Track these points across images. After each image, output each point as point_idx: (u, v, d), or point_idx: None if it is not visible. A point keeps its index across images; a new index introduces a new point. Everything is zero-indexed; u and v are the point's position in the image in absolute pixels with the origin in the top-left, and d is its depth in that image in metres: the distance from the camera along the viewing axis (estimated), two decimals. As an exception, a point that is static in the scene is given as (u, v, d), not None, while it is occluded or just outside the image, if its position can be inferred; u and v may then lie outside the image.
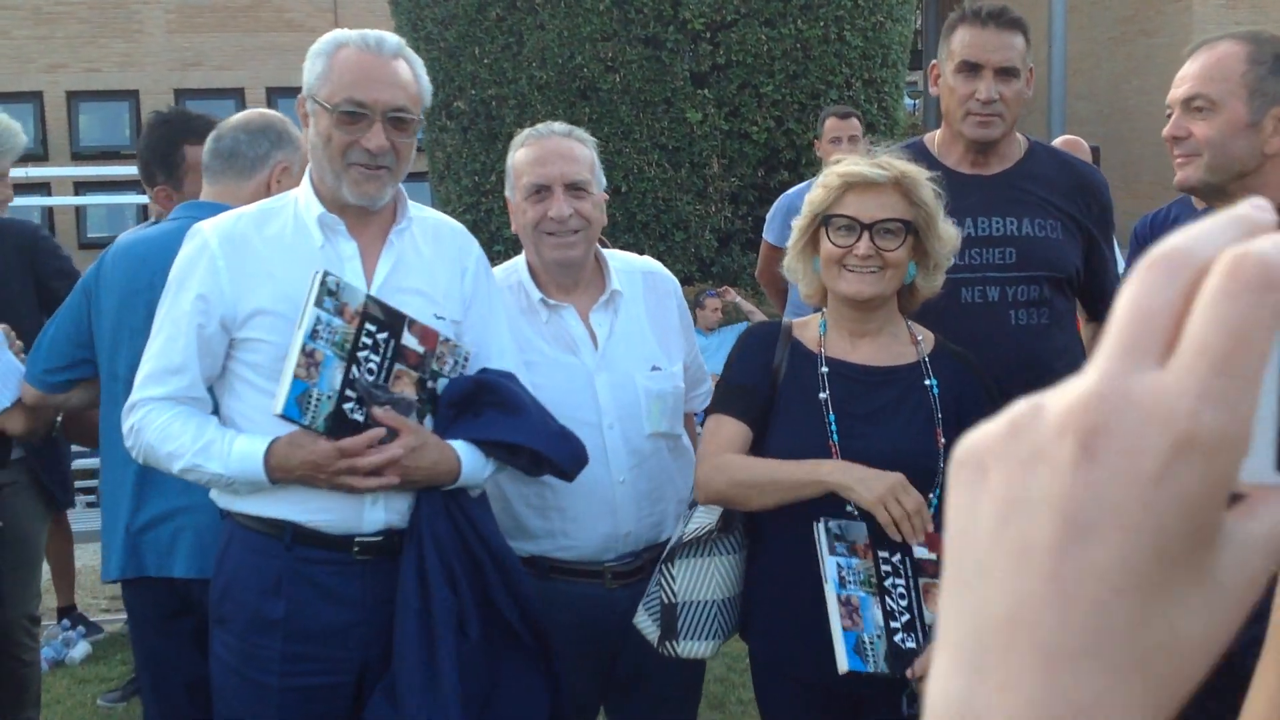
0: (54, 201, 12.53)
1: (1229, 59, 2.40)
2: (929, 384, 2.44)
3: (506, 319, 2.61)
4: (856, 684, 2.37)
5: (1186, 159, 2.46)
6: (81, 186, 14.14)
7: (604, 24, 9.35)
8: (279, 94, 15.50)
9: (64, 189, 14.13)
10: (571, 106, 9.23)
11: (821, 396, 2.42)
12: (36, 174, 10.45)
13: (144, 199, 7.77)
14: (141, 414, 2.37)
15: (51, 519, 5.13)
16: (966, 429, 0.44)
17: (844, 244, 2.38)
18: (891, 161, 2.39)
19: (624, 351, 2.71)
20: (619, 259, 2.85)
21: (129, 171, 6.27)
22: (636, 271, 2.84)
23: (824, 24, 9.57)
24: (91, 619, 5.55)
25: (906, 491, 2.23)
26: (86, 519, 5.74)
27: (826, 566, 2.25)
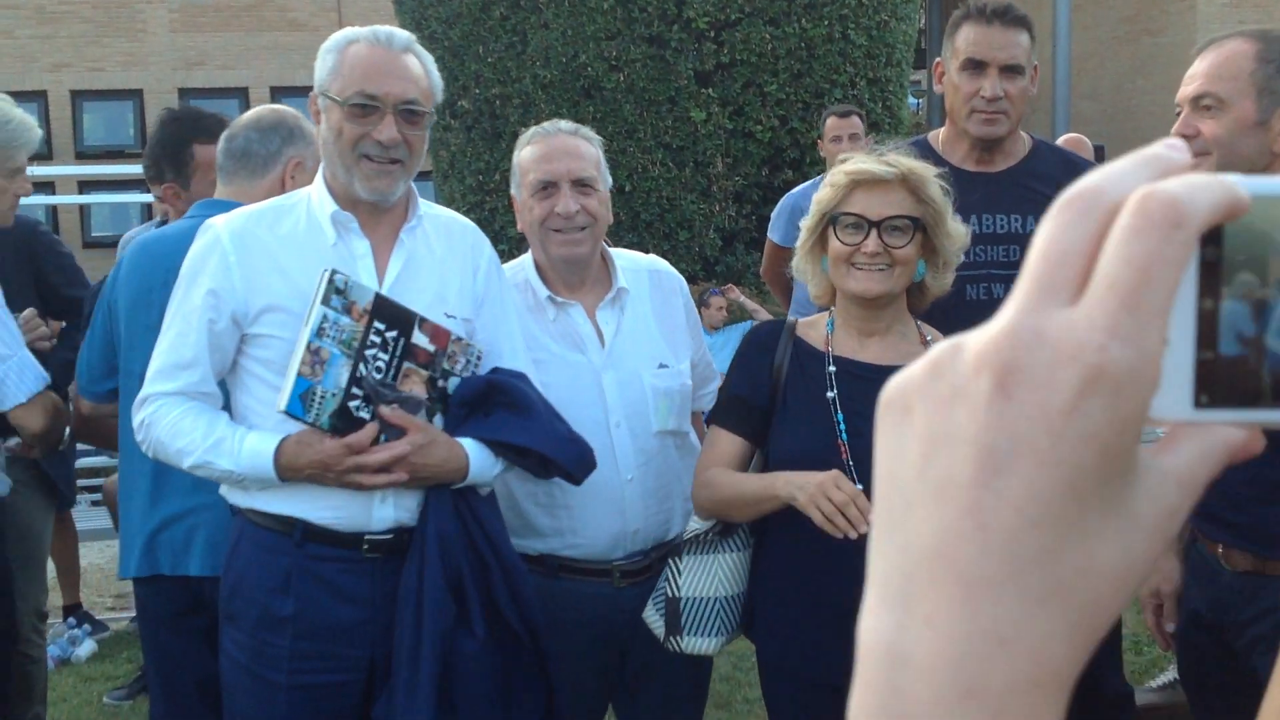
0: (58, 200, 12.53)
1: (1238, 57, 2.39)
2: None
3: (519, 318, 2.61)
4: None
5: (1196, 158, 2.45)
6: (86, 185, 14.13)
7: (608, 23, 9.34)
8: (283, 93, 15.49)
9: (68, 188, 14.14)
10: (575, 105, 9.22)
11: (829, 395, 2.41)
12: (41, 173, 10.41)
13: (148, 198, 7.76)
14: (152, 409, 2.37)
15: (55, 515, 5.16)
16: None
17: (852, 242, 2.37)
18: (899, 159, 2.38)
19: (631, 349, 2.71)
20: (625, 257, 2.84)
21: (133, 170, 6.27)
22: (642, 270, 2.84)
23: (828, 23, 9.55)
24: (97, 617, 5.56)
25: (839, 486, 2.21)
26: (90, 517, 5.75)
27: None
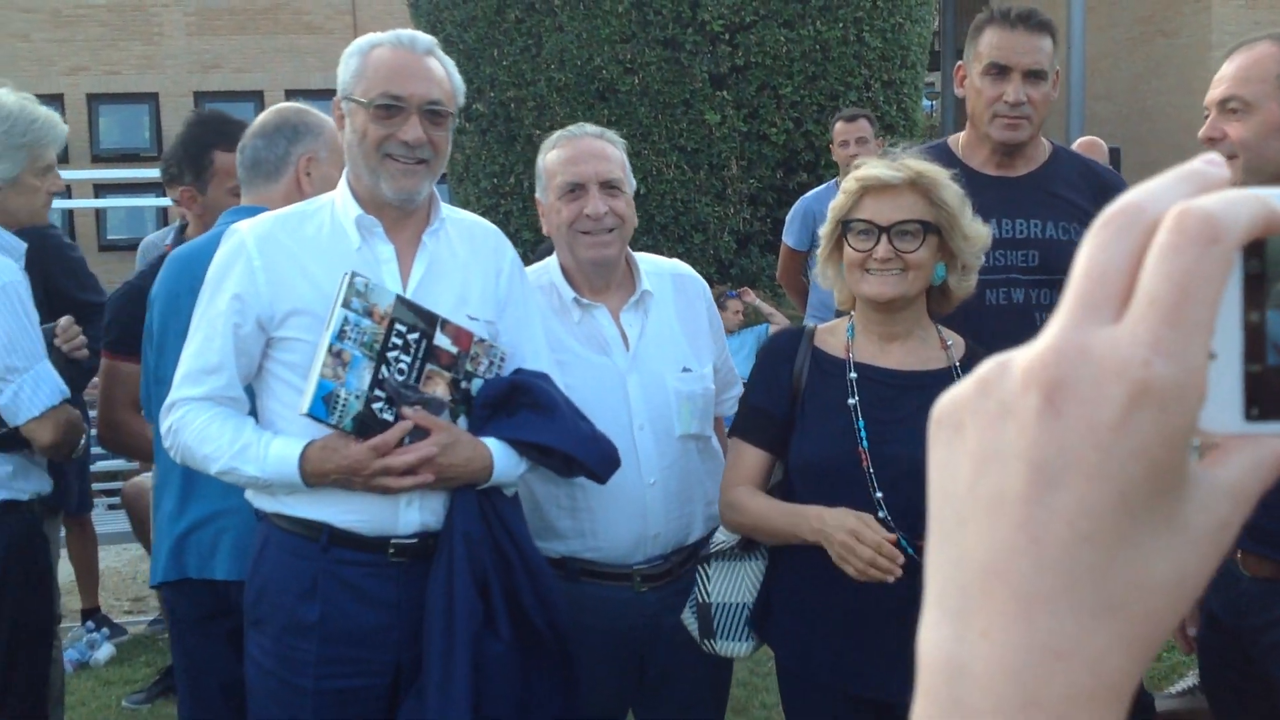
0: (74, 204, 12.60)
1: (1265, 60, 2.39)
2: None
3: (541, 320, 2.61)
4: (882, 692, 2.37)
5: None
6: (101, 189, 14.21)
7: (623, 26, 9.34)
8: (298, 96, 15.50)
9: (84, 191, 14.21)
10: (590, 108, 9.23)
11: (850, 402, 2.40)
12: (57, 176, 10.49)
13: (164, 202, 7.79)
14: (180, 414, 2.37)
15: (60, 516, 5.17)
16: None
17: (863, 248, 2.37)
18: (907, 162, 2.37)
19: (655, 352, 2.71)
20: (649, 261, 2.85)
21: (149, 174, 6.30)
22: (666, 274, 2.84)
23: (843, 25, 9.54)
24: (115, 621, 5.57)
25: (861, 538, 2.22)
26: (108, 521, 5.76)
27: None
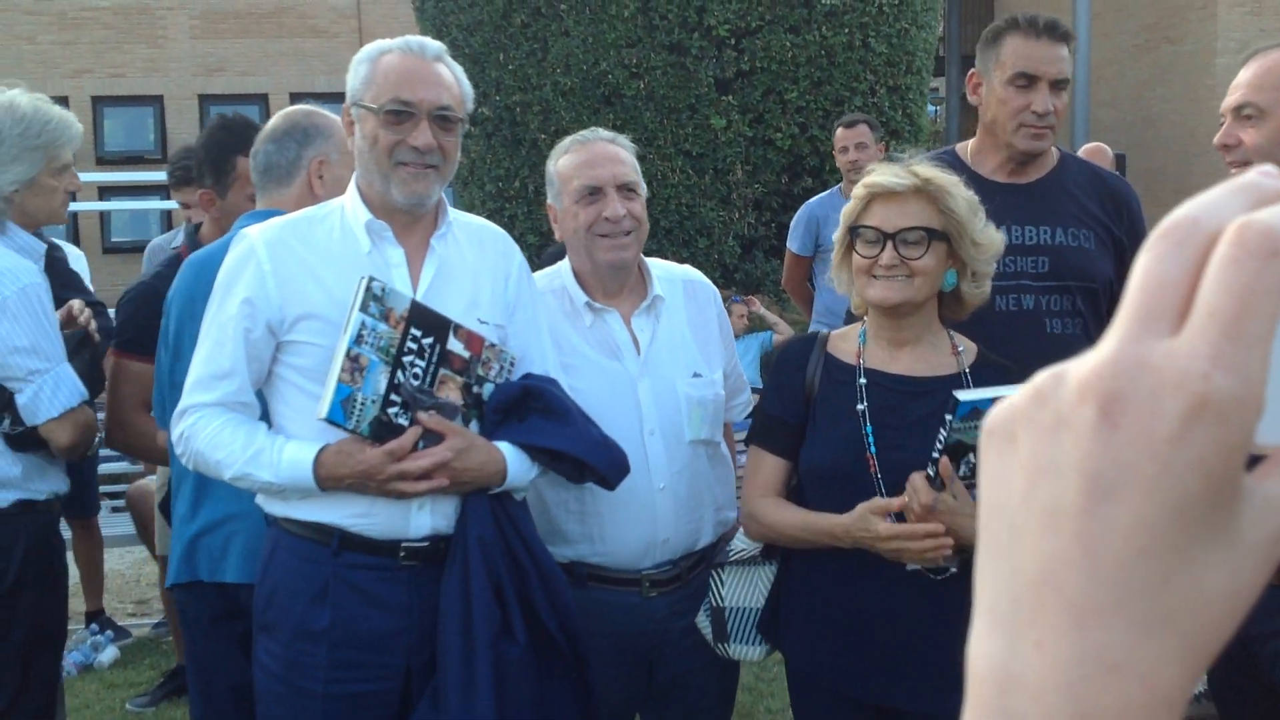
0: (78, 207, 12.54)
1: (1279, 67, 2.40)
2: None
3: (548, 324, 2.61)
4: (891, 698, 2.37)
5: (1237, 167, 2.45)
6: (106, 191, 14.22)
7: (629, 30, 9.34)
8: (302, 99, 15.42)
9: (88, 194, 14.21)
10: (596, 113, 9.22)
11: (859, 408, 2.41)
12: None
13: (169, 204, 7.80)
14: (191, 420, 2.37)
15: (81, 521, 5.18)
16: None
17: (870, 254, 2.38)
18: (916, 169, 2.37)
19: (666, 357, 2.71)
20: (660, 266, 2.85)
21: (153, 177, 6.31)
22: (677, 279, 2.83)
23: (849, 31, 9.54)
24: (119, 624, 5.57)
25: (901, 535, 2.26)
26: (112, 524, 5.76)
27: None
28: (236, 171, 3.33)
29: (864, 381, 2.43)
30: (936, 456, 2.22)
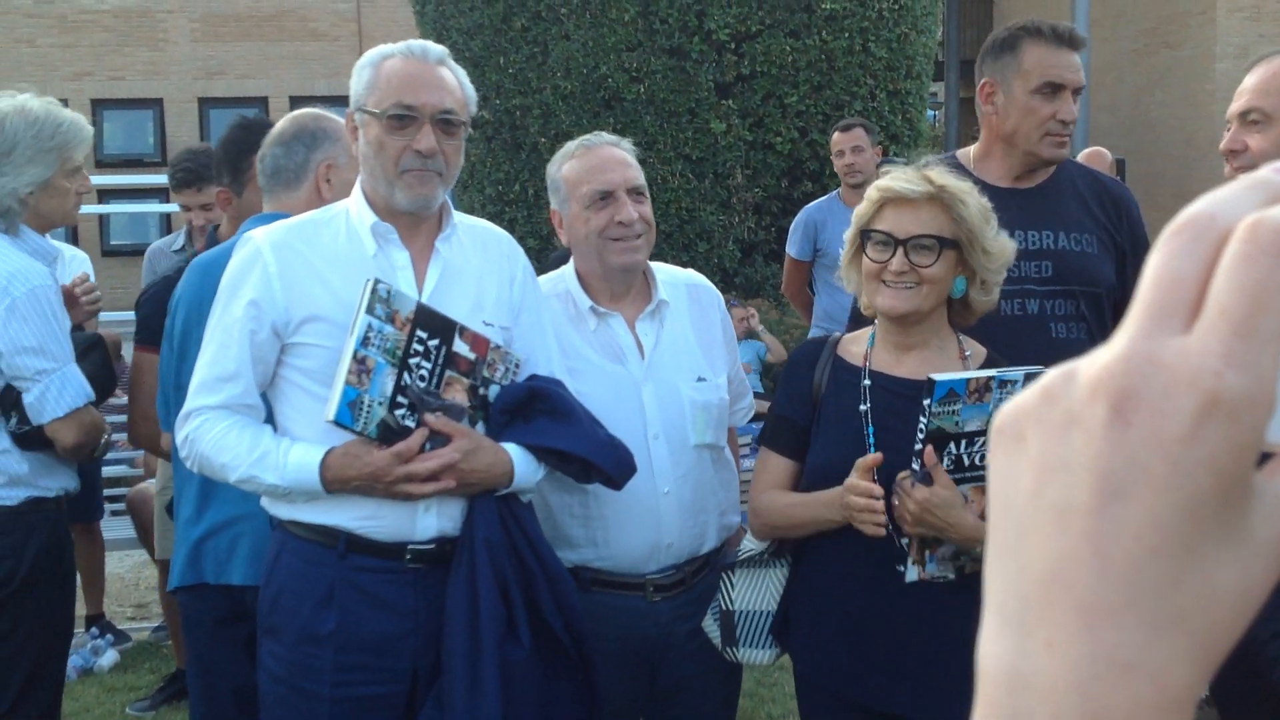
0: (78, 209, 12.59)
1: None
2: None
3: (552, 326, 2.61)
4: (897, 704, 2.37)
5: (1242, 173, 2.45)
6: (105, 194, 14.20)
7: (629, 34, 9.34)
8: (302, 103, 15.46)
9: (87, 197, 14.19)
10: (596, 116, 9.23)
11: (862, 409, 2.42)
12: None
13: (168, 208, 7.78)
14: (196, 423, 2.37)
15: (81, 525, 5.16)
16: None
17: (880, 259, 2.37)
18: (930, 176, 2.37)
19: (670, 362, 2.71)
20: (664, 270, 2.84)
21: (153, 180, 6.31)
22: (681, 284, 2.83)
23: (849, 35, 9.54)
24: (119, 627, 5.56)
25: (850, 500, 2.29)
26: (112, 527, 5.75)
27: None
28: (253, 171, 3.35)
29: (868, 383, 2.44)
30: (919, 448, 2.21)
